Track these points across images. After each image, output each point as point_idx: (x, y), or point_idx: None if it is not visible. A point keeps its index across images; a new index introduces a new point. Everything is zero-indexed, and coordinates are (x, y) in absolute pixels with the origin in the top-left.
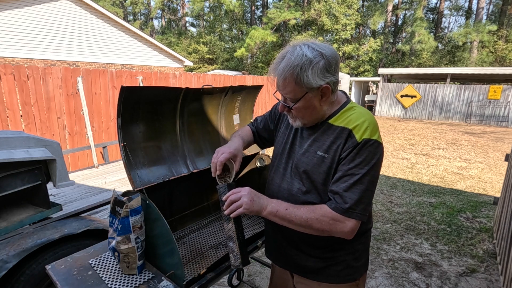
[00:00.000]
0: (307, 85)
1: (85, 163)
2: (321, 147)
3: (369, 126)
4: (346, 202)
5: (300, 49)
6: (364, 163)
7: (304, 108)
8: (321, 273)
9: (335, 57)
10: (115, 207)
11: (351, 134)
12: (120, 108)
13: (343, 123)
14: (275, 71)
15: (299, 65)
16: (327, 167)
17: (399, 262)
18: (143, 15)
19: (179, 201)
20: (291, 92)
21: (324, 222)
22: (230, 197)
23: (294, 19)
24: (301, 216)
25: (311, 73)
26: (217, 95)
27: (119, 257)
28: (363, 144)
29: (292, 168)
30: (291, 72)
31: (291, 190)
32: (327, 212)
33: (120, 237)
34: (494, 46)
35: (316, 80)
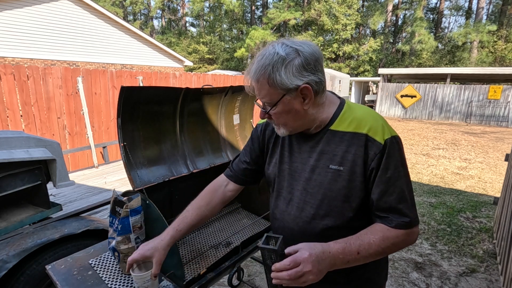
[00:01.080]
0: (281, 86)
1: (85, 163)
2: (333, 159)
3: (384, 123)
4: (407, 215)
5: (272, 48)
6: (400, 164)
7: (284, 112)
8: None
9: (315, 54)
10: (115, 207)
11: (370, 139)
12: (120, 108)
13: (351, 128)
14: (248, 74)
15: (271, 64)
16: (346, 181)
17: (399, 262)
18: (143, 15)
19: (179, 201)
20: (267, 96)
21: (400, 244)
22: (288, 273)
23: (294, 19)
24: (376, 250)
25: (285, 72)
26: (217, 95)
27: (119, 257)
28: (390, 145)
29: (300, 190)
30: (262, 73)
31: (304, 217)
32: (397, 233)
33: (120, 237)
34: (494, 46)
35: (292, 80)
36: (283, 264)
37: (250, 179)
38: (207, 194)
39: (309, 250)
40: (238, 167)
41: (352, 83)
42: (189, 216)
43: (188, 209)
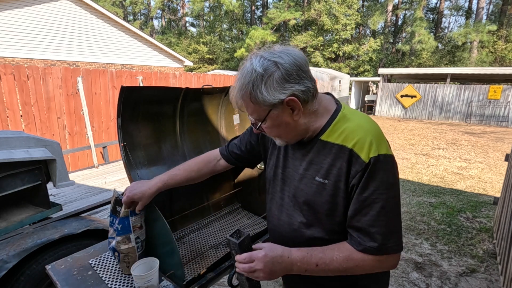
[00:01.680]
0: (265, 102)
1: (85, 163)
2: (319, 171)
3: (373, 139)
4: (375, 240)
5: (250, 64)
6: (383, 187)
7: (275, 126)
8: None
9: (296, 63)
10: (116, 207)
11: (354, 154)
12: (120, 108)
13: (339, 140)
14: (232, 92)
15: (250, 82)
16: (330, 196)
17: (399, 262)
18: (143, 15)
19: (179, 201)
20: (254, 113)
21: (367, 268)
22: (242, 266)
23: (294, 19)
24: (337, 268)
25: (266, 89)
26: (217, 95)
27: (119, 257)
28: (374, 164)
29: (290, 197)
30: (244, 92)
31: (292, 224)
32: (363, 256)
33: (120, 237)
34: (494, 46)
35: (274, 95)
36: (240, 257)
37: (240, 163)
38: (200, 163)
39: (266, 251)
40: (232, 150)
41: (352, 83)
42: (179, 175)
43: (179, 168)
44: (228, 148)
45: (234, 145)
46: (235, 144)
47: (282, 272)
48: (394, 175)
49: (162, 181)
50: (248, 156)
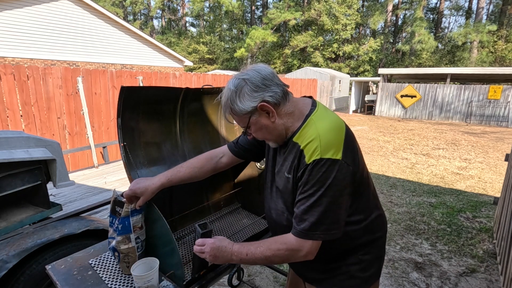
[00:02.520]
0: (243, 112)
1: (85, 163)
2: (287, 167)
3: (320, 144)
4: (304, 225)
5: (227, 86)
6: (318, 185)
7: (258, 130)
8: (326, 282)
9: (261, 75)
10: (115, 207)
11: (302, 154)
12: (120, 108)
13: (300, 141)
14: (222, 110)
15: (229, 99)
16: (291, 187)
17: (399, 262)
18: (143, 15)
19: (179, 201)
20: (240, 122)
21: (281, 256)
22: (196, 248)
23: (294, 19)
24: (260, 257)
25: (240, 101)
26: (217, 95)
27: (119, 257)
28: (314, 165)
29: (275, 188)
30: (226, 108)
31: (277, 209)
32: (282, 243)
33: (120, 237)
34: (494, 46)
35: (247, 104)
36: (197, 242)
37: (249, 156)
38: (203, 160)
39: (216, 240)
40: (242, 144)
41: (352, 83)
42: (182, 172)
43: (182, 165)
44: (238, 142)
45: (243, 139)
46: (243, 137)
47: (223, 259)
48: (335, 177)
49: (166, 177)
50: (256, 149)
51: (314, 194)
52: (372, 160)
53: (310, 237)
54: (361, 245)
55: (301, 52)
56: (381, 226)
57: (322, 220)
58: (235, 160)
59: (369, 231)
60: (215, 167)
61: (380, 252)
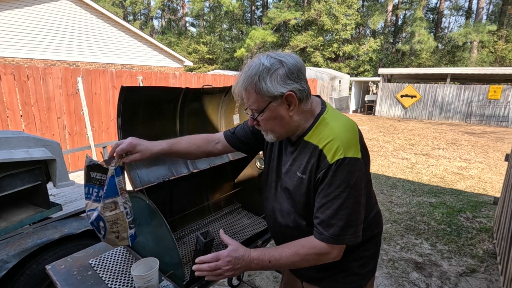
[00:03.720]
0: (267, 93)
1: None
2: (299, 167)
3: (341, 144)
4: (333, 230)
5: (258, 60)
6: (344, 185)
7: (271, 119)
8: (325, 280)
9: (297, 65)
10: (90, 174)
11: (322, 154)
12: (120, 108)
13: (316, 141)
14: (236, 85)
15: (257, 73)
16: (306, 189)
17: (399, 262)
18: (143, 15)
19: (179, 201)
20: (255, 103)
21: (310, 260)
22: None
23: (294, 19)
24: (286, 263)
25: (270, 81)
26: (217, 95)
27: (105, 227)
28: (338, 165)
29: (281, 188)
30: (250, 81)
31: (283, 211)
32: (311, 247)
33: (105, 202)
34: (494, 46)
35: (277, 88)
36: (206, 257)
37: (244, 146)
38: (201, 140)
39: (231, 251)
40: (237, 134)
41: (352, 83)
42: (182, 144)
43: (182, 139)
44: (235, 132)
45: (240, 129)
46: (240, 128)
47: (243, 269)
48: (357, 177)
49: (168, 144)
50: (252, 143)
51: (340, 195)
52: (372, 160)
53: (340, 241)
54: (362, 241)
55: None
56: (379, 222)
57: (351, 223)
58: (229, 149)
59: (370, 227)
60: (211, 151)
61: (377, 248)
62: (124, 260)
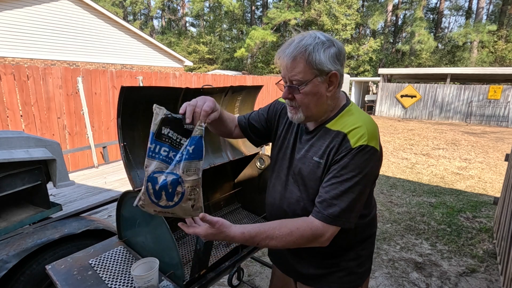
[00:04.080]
0: (318, 65)
1: (85, 163)
2: (317, 153)
3: (367, 132)
4: (333, 210)
5: (312, 33)
6: (358, 170)
7: (311, 94)
8: (323, 280)
9: (344, 50)
10: (162, 129)
11: (346, 138)
12: (120, 108)
13: (339, 127)
14: (283, 53)
15: (312, 44)
16: (321, 172)
17: (399, 262)
18: (143, 15)
19: None
20: (301, 73)
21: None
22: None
23: (294, 19)
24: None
25: (323, 55)
26: (217, 95)
27: (183, 195)
28: (359, 150)
29: (292, 175)
30: (303, 50)
31: (291, 198)
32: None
33: (187, 163)
34: (494, 46)
35: (327, 63)
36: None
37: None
38: (231, 118)
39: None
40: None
41: (352, 83)
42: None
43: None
44: (250, 116)
45: (254, 114)
46: (255, 114)
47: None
48: (371, 167)
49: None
50: (262, 129)
51: (351, 179)
52: None
53: (336, 222)
54: (361, 240)
55: None
56: (375, 223)
57: (351, 208)
58: (241, 134)
59: (369, 227)
60: (231, 132)
61: (372, 247)
62: (124, 260)
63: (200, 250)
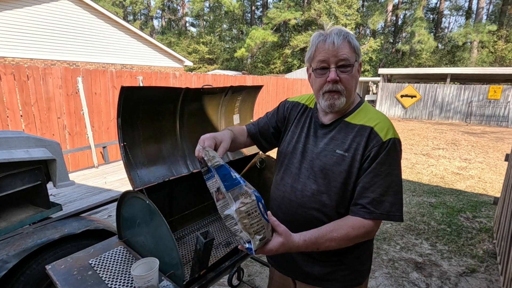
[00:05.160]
0: (357, 50)
1: (85, 163)
2: (341, 146)
3: (390, 126)
4: (385, 207)
5: (340, 28)
6: (395, 163)
7: (354, 77)
8: (327, 278)
9: None
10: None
11: (374, 132)
12: (120, 108)
13: (362, 121)
14: (329, 37)
15: (349, 33)
16: (348, 166)
17: (399, 262)
18: (143, 15)
19: (179, 201)
20: (348, 53)
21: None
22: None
23: (294, 19)
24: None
25: (357, 43)
26: (217, 95)
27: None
28: (392, 144)
29: (307, 168)
30: (345, 35)
31: (305, 191)
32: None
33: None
34: (494, 46)
35: (359, 51)
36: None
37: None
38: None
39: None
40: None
41: None
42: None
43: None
44: (258, 121)
45: (264, 123)
46: (263, 119)
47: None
48: (400, 158)
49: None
50: (274, 133)
51: (392, 173)
52: None
53: (390, 217)
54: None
55: (301, 52)
56: None
57: (398, 200)
58: (251, 142)
59: None
60: (245, 144)
61: (371, 248)
62: (124, 260)
63: (200, 250)
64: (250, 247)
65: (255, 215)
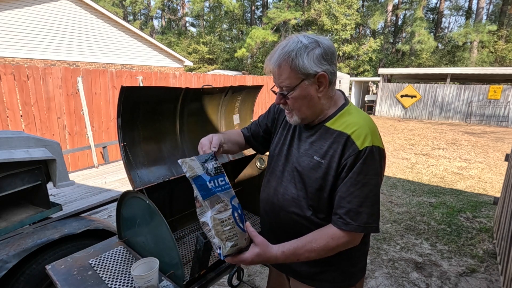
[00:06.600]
0: (302, 70)
1: (85, 163)
2: (318, 152)
3: (370, 132)
4: (362, 218)
5: (295, 38)
6: (372, 173)
7: (301, 98)
8: (316, 278)
9: (332, 48)
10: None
11: (350, 140)
12: (120, 108)
13: (341, 127)
14: (270, 61)
15: (294, 50)
16: (323, 173)
17: (399, 262)
18: (143, 15)
19: (179, 201)
20: (287, 79)
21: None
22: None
23: (294, 19)
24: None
25: (307, 58)
26: (217, 95)
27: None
28: (369, 152)
29: (289, 171)
30: (286, 57)
31: (286, 194)
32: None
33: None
34: (494, 46)
35: (312, 66)
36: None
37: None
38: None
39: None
40: (254, 130)
41: (352, 83)
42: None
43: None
44: (251, 126)
45: (255, 126)
46: (256, 125)
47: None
48: (381, 166)
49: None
50: (265, 136)
51: (369, 183)
52: None
53: (368, 230)
54: None
55: None
56: None
57: (376, 211)
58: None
59: None
60: (244, 146)
61: (366, 247)
62: (124, 260)
63: (200, 250)
64: (220, 253)
65: (228, 223)
